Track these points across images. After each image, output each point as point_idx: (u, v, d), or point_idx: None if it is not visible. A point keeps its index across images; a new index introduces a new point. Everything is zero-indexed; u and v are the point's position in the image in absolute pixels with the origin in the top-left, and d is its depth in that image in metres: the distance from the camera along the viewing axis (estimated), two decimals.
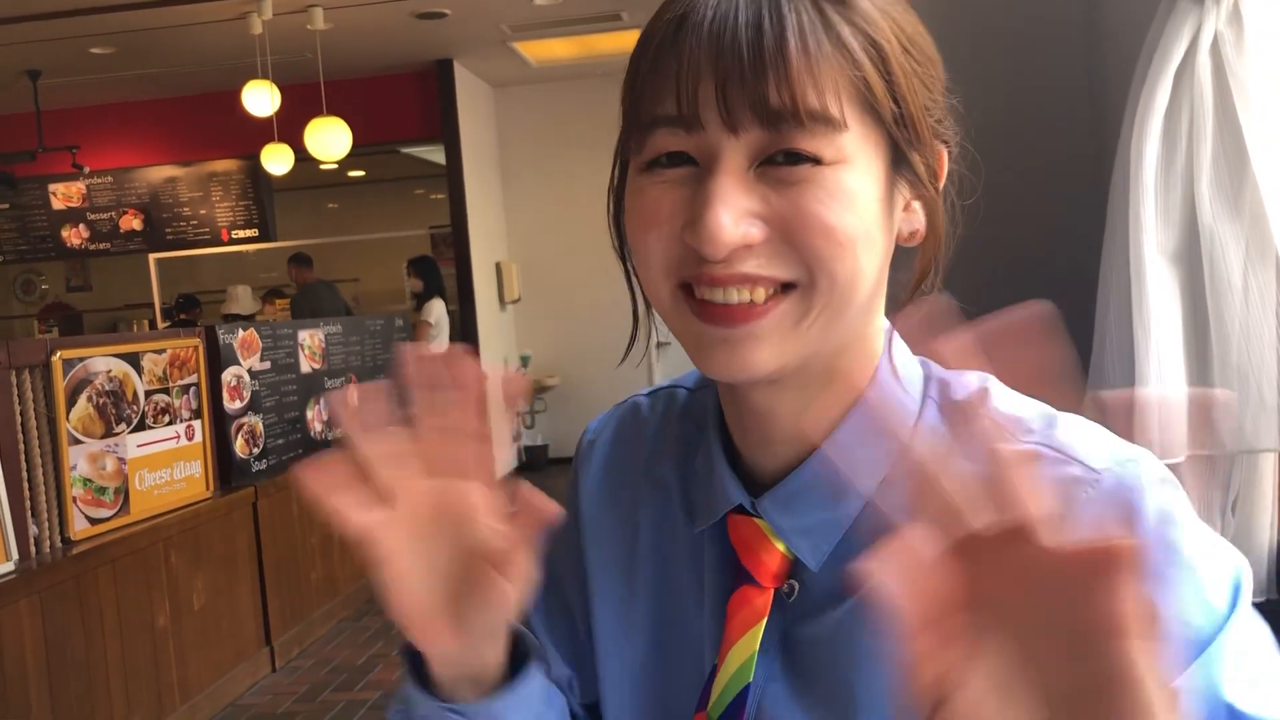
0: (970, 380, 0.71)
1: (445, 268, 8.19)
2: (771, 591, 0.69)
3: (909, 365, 0.71)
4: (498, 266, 8.86)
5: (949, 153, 0.68)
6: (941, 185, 0.68)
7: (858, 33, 0.61)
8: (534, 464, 9.15)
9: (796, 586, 0.69)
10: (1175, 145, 1.38)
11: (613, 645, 0.80)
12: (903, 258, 0.69)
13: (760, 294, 0.61)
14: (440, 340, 7.66)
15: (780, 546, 0.69)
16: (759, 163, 0.61)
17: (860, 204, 0.61)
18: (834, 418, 0.68)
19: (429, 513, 0.61)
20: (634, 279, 0.72)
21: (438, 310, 7.61)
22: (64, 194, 8.59)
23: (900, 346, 0.71)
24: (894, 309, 0.70)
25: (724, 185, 0.60)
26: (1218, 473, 1.42)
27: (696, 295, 0.63)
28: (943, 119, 0.67)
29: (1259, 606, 1.43)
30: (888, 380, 0.69)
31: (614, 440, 0.86)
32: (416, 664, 0.67)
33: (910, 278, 0.69)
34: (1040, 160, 1.83)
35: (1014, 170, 1.83)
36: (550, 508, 0.60)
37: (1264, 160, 1.34)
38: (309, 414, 5.32)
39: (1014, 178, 1.83)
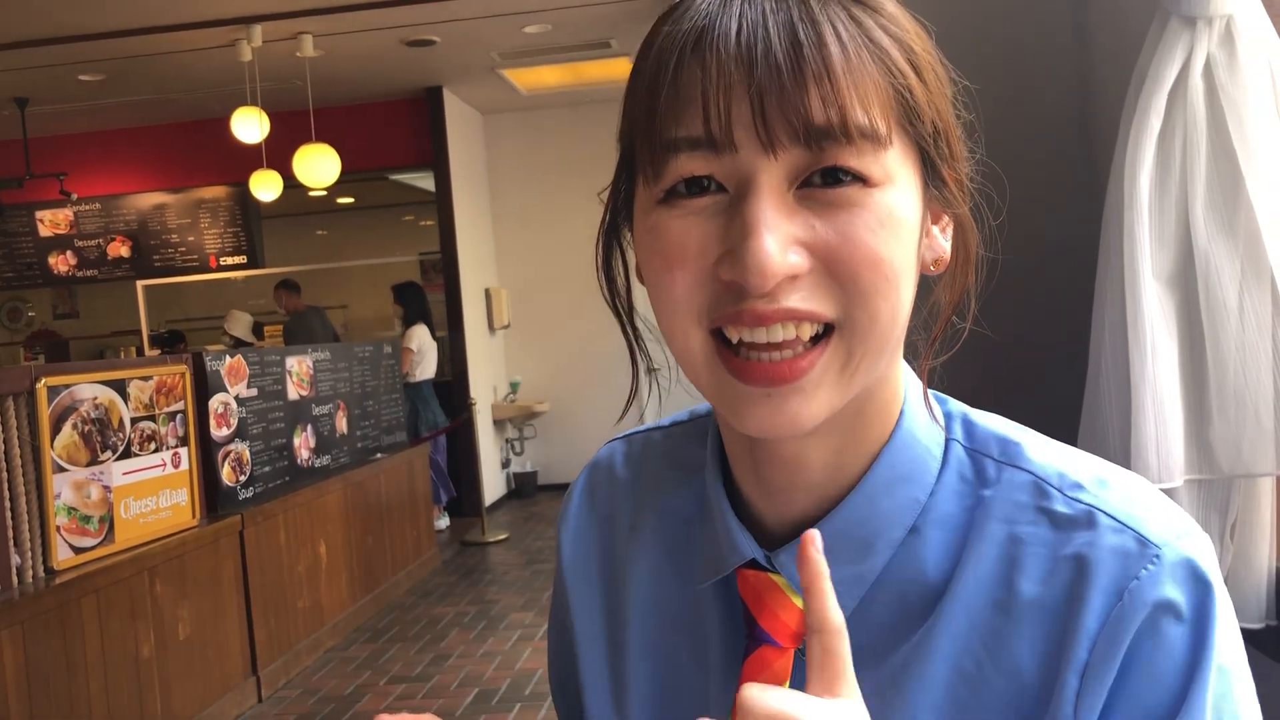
0: (996, 423, 0.67)
1: (435, 294, 8.18)
2: (792, 653, 0.63)
3: (932, 404, 0.67)
4: (487, 293, 8.85)
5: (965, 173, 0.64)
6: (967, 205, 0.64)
7: (893, 40, 0.57)
8: (522, 490, 9.11)
9: None
10: (1169, 168, 1.37)
11: (606, 716, 0.74)
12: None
13: (806, 330, 0.56)
14: (424, 366, 7.64)
15: (800, 603, 0.63)
16: (797, 184, 0.56)
17: (906, 230, 0.57)
18: (861, 464, 0.64)
19: None
20: (630, 330, 0.67)
21: (419, 336, 7.59)
22: (51, 221, 8.56)
23: (919, 384, 0.66)
24: (915, 343, 0.65)
25: (767, 209, 0.54)
26: (1216, 497, 1.40)
27: (733, 339, 0.57)
28: (959, 135, 0.63)
29: (1258, 633, 1.41)
30: (913, 423, 0.65)
31: (587, 498, 0.81)
32: None
33: (930, 308, 0.64)
34: (1032, 183, 1.83)
35: (1003, 194, 1.82)
36: None
37: (1257, 181, 1.33)
38: (296, 441, 5.28)
39: (1003, 201, 1.82)
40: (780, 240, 0.54)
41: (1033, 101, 1.87)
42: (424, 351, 7.64)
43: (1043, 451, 0.64)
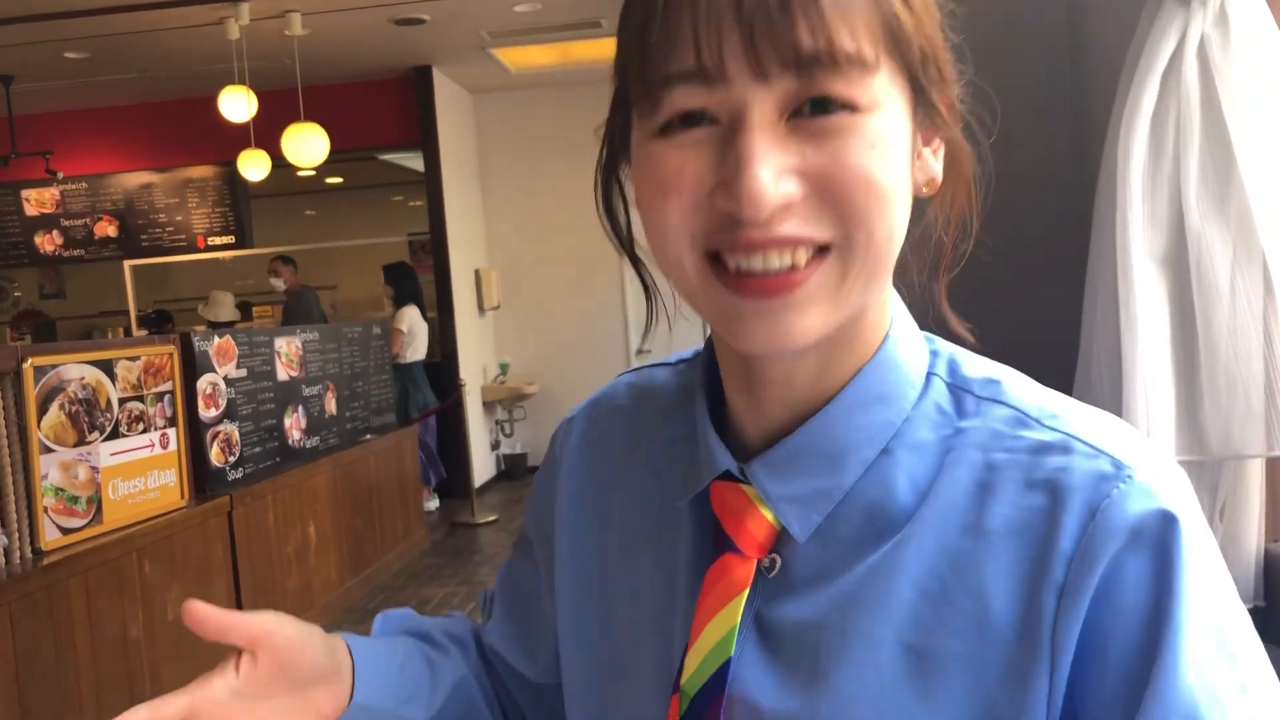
0: (980, 363, 0.69)
1: (424, 275, 8.15)
2: (754, 562, 0.65)
3: (916, 337, 0.68)
4: (477, 274, 8.83)
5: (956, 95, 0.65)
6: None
7: None
8: (512, 472, 9.11)
9: (778, 561, 0.65)
10: (1162, 148, 1.37)
11: (576, 634, 0.77)
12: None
13: (801, 256, 0.57)
14: (415, 347, 7.62)
15: (768, 515, 0.65)
16: (788, 115, 0.57)
17: (896, 152, 0.58)
18: (840, 381, 0.65)
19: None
20: (637, 260, 0.69)
21: (409, 317, 7.56)
22: (37, 200, 8.49)
23: (907, 316, 0.68)
24: (905, 266, 0.66)
25: (760, 140, 0.56)
26: (1205, 478, 1.41)
27: (729, 265, 0.59)
28: (949, 58, 0.64)
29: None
30: (895, 349, 0.66)
31: (590, 423, 0.83)
32: None
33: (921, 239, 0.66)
34: (1025, 163, 1.82)
35: (998, 172, 1.82)
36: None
37: (1250, 163, 1.33)
38: (286, 422, 5.27)
39: (998, 180, 1.81)
40: (773, 170, 0.55)
41: (1026, 81, 1.86)
42: (414, 332, 7.62)
43: (1022, 388, 0.66)
